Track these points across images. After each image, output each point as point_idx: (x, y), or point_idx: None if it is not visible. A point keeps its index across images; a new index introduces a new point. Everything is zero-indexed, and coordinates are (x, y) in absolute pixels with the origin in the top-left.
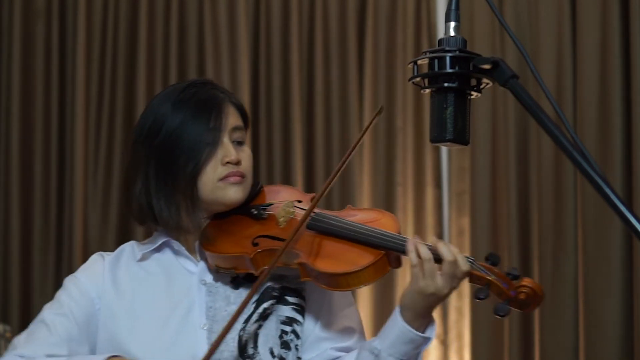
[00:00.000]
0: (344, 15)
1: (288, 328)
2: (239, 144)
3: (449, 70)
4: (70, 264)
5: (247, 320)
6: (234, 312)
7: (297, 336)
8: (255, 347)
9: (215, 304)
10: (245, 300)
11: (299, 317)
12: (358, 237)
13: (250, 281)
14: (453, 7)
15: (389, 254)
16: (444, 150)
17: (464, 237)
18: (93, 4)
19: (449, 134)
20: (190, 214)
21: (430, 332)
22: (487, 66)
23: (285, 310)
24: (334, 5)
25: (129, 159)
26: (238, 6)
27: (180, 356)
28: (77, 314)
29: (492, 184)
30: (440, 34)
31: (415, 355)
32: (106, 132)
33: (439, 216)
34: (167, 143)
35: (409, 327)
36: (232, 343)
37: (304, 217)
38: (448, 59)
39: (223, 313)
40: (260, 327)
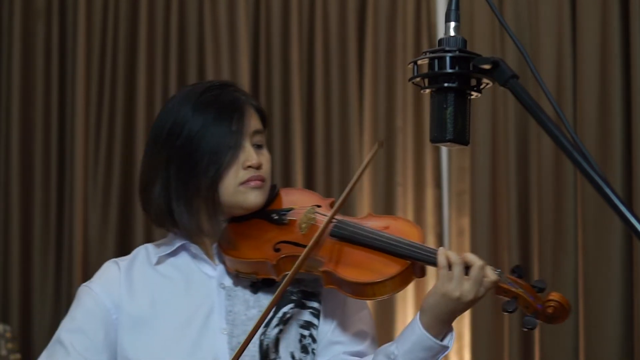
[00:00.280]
0: (344, 15)
1: (306, 332)
2: (258, 147)
3: (449, 70)
4: (70, 264)
5: (267, 325)
6: (253, 316)
7: (314, 340)
8: (277, 351)
9: (234, 307)
10: (269, 308)
11: (315, 321)
12: (385, 246)
13: (268, 285)
14: (453, 7)
15: (415, 264)
16: (444, 150)
17: (464, 237)
18: (93, 4)
19: (449, 134)
20: (210, 218)
21: (449, 341)
22: (487, 66)
23: (304, 314)
24: (334, 5)
25: (146, 160)
26: (238, 6)
27: None
28: (93, 328)
29: (492, 184)
30: (440, 34)
31: None
32: (106, 132)
33: (439, 216)
34: (188, 146)
35: (427, 334)
36: (253, 348)
37: (325, 224)
38: (448, 59)
39: (242, 317)
40: (281, 331)
